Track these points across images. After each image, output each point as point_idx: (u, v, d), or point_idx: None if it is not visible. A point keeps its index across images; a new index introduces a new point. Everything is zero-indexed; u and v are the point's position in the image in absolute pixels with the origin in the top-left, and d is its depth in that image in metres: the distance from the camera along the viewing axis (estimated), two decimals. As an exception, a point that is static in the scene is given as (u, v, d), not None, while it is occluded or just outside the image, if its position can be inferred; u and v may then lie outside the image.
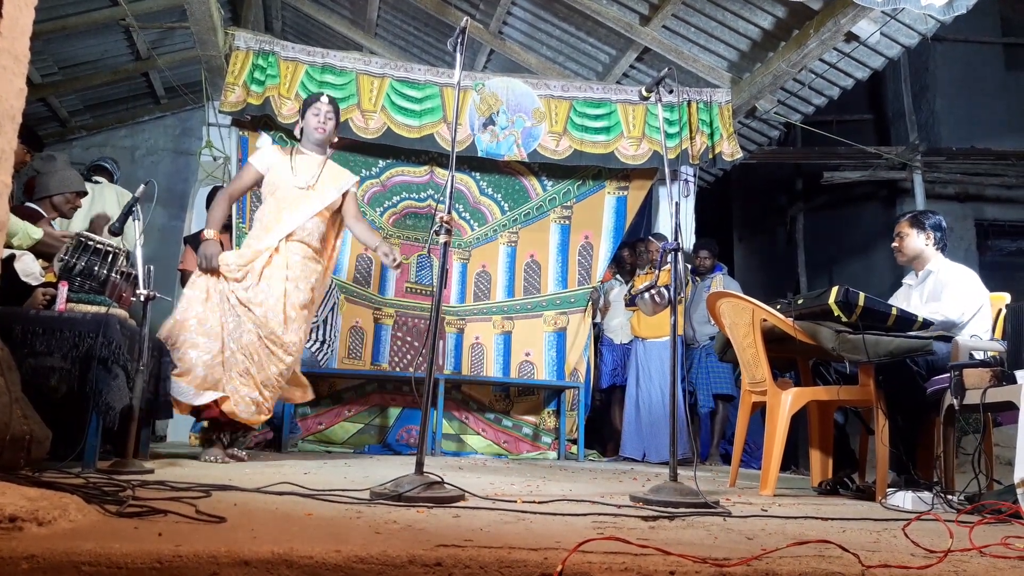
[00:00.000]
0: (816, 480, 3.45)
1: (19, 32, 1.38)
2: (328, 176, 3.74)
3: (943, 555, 1.41)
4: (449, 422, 5.51)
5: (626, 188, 6.04)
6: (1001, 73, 8.27)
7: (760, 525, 1.97)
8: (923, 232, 3.43)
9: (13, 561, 1.10)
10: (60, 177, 4.00)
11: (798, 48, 5.07)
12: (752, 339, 3.33)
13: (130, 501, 1.65)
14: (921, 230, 3.44)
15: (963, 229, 7.77)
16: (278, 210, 3.63)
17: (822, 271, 9.07)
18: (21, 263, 2.99)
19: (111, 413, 2.72)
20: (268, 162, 3.72)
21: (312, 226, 3.67)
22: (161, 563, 1.14)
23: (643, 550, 1.32)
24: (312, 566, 1.17)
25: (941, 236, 3.43)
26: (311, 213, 3.65)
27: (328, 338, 5.24)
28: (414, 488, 2.09)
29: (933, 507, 2.55)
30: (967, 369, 2.73)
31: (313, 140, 3.76)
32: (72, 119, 7.26)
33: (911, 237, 3.46)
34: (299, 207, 3.63)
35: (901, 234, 3.50)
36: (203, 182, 5.69)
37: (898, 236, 3.51)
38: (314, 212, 3.65)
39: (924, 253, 3.44)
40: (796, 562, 1.30)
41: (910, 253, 3.48)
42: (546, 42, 6.38)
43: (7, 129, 1.36)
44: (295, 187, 3.64)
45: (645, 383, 5.60)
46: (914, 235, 3.45)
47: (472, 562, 1.21)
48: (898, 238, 3.51)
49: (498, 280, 5.91)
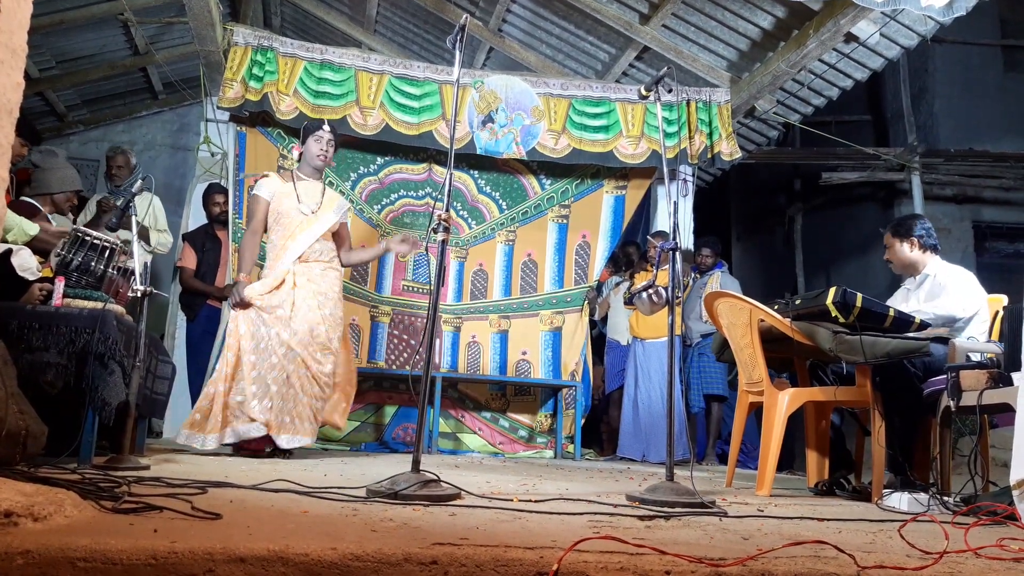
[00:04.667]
0: (812, 481, 3.45)
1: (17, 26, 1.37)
2: (327, 201, 3.93)
3: (939, 556, 1.41)
4: (446, 420, 5.50)
5: (624, 187, 6.04)
6: (1000, 75, 8.28)
7: (756, 525, 1.97)
8: (907, 240, 3.42)
9: (8, 556, 1.10)
10: (61, 175, 4.00)
11: (797, 48, 5.07)
12: (749, 339, 3.33)
13: (126, 497, 1.64)
14: (904, 239, 3.42)
15: (961, 231, 7.78)
16: (285, 237, 3.80)
17: (820, 271, 9.08)
18: (18, 258, 2.97)
19: (107, 409, 2.71)
20: (271, 190, 3.87)
21: (319, 247, 3.85)
22: (156, 559, 1.13)
23: (639, 549, 1.32)
24: (308, 563, 1.17)
25: (928, 238, 3.41)
26: (317, 236, 3.83)
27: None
28: (410, 486, 2.09)
29: (929, 508, 2.56)
30: (964, 371, 2.73)
31: (313, 166, 3.93)
32: (70, 113, 7.24)
33: (896, 247, 3.45)
34: (305, 232, 3.81)
35: (887, 246, 3.50)
36: (201, 178, 5.68)
37: (886, 248, 3.51)
38: (318, 236, 3.84)
39: (916, 260, 3.44)
40: (792, 562, 1.30)
41: (901, 263, 3.48)
42: (546, 40, 6.37)
43: (4, 123, 1.35)
44: (300, 213, 3.82)
45: (644, 383, 5.60)
46: (898, 245, 3.44)
47: (468, 560, 1.21)
48: (886, 250, 3.51)
49: (495, 279, 5.91)
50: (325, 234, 3.88)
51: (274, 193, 3.85)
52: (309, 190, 3.89)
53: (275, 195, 3.85)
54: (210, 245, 5.43)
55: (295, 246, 3.78)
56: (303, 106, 5.38)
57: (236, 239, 5.36)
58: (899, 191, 7.83)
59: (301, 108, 5.37)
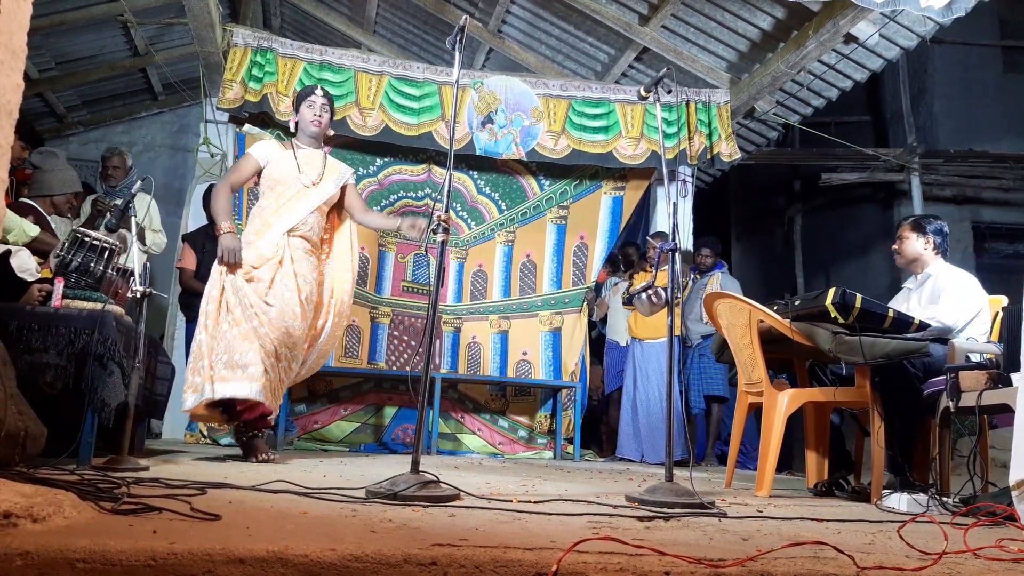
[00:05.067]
0: (812, 481, 3.45)
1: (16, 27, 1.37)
2: (328, 171, 3.73)
3: (938, 557, 1.41)
4: (445, 421, 5.50)
5: (622, 188, 6.04)
6: (999, 76, 8.28)
7: (755, 526, 1.97)
8: (923, 236, 3.45)
9: (7, 557, 1.10)
10: (62, 177, 4.00)
11: (797, 49, 5.07)
12: (749, 340, 3.33)
13: (125, 498, 1.64)
14: (922, 234, 3.45)
15: (960, 232, 7.78)
16: (278, 205, 3.59)
17: (819, 272, 9.08)
18: (17, 259, 2.98)
19: (106, 410, 2.71)
20: (268, 154, 3.67)
21: (312, 221, 3.65)
22: (155, 560, 1.13)
23: (638, 550, 1.32)
24: (307, 564, 1.17)
25: (942, 241, 3.45)
26: (311, 208, 3.63)
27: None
28: (410, 487, 2.09)
29: (928, 509, 2.56)
30: (963, 371, 2.73)
31: (309, 133, 3.71)
32: (69, 114, 7.25)
33: (910, 240, 3.47)
34: (300, 202, 3.61)
35: (901, 236, 3.52)
36: (200, 179, 5.68)
37: (899, 239, 3.54)
38: (314, 207, 3.63)
39: (923, 257, 3.46)
40: (791, 563, 1.30)
41: (908, 256, 3.49)
42: (545, 41, 6.38)
43: (4, 125, 1.35)
44: (300, 184, 3.61)
45: (643, 384, 5.60)
46: (914, 239, 3.47)
47: (467, 561, 1.21)
48: (898, 240, 3.53)
49: (494, 279, 5.91)
50: (320, 207, 3.67)
51: (270, 158, 3.64)
52: (310, 159, 3.68)
53: (272, 160, 3.64)
54: (210, 246, 5.40)
55: (289, 216, 3.57)
56: (303, 107, 5.37)
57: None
58: (899, 192, 7.84)
59: (301, 109, 5.36)
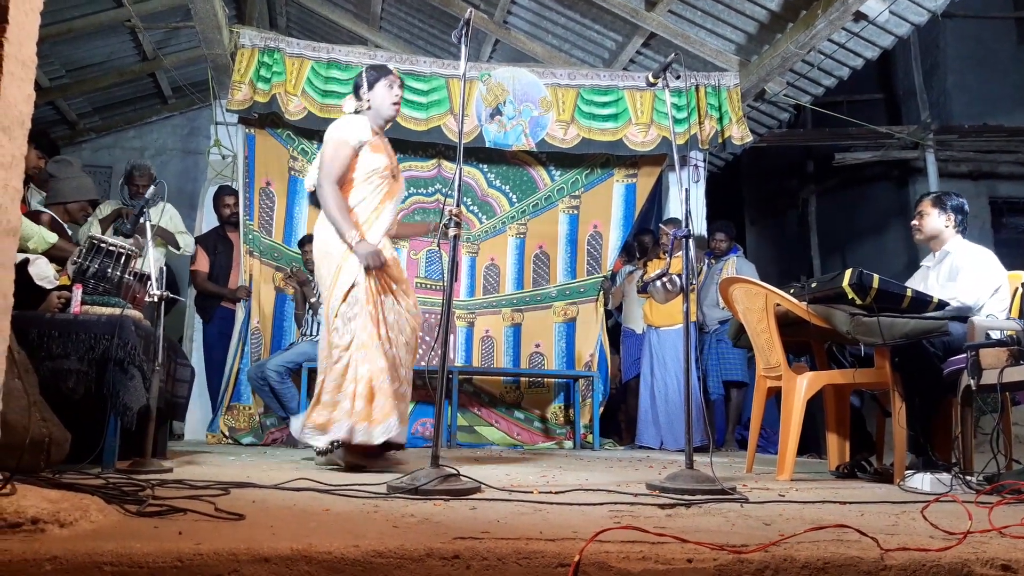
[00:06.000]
0: (833, 464, 3.43)
1: (26, 37, 1.38)
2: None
3: (962, 536, 1.40)
4: (463, 415, 5.52)
5: (635, 176, 6.01)
6: (1013, 48, 8.15)
7: (778, 510, 1.96)
8: (944, 212, 3.41)
9: (36, 563, 1.11)
10: (77, 184, 4.03)
11: (806, 29, 5.02)
12: (766, 324, 3.31)
13: (150, 501, 1.66)
14: (942, 210, 3.42)
15: (977, 207, 7.68)
16: (379, 201, 3.09)
17: (835, 253, 9.01)
18: (35, 267, 3.00)
19: (129, 414, 2.74)
20: (360, 135, 3.06)
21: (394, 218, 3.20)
22: (182, 561, 1.15)
23: (660, 538, 1.32)
24: (331, 561, 1.18)
25: (962, 219, 3.41)
26: (400, 203, 3.21)
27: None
28: (430, 481, 2.09)
29: (952, 488, 2.54)
30: (984, 349, 2.70)
31: (385, 117, 3.19)
32: (81, 121, 7.31)
33: (931, 216, 3.44)
34: (394, 196, 3.15)
35: (922, 212, 3.48)
36: (212, 181, 5.71)
37: (918, 214, 3.50)
38: (401, 202, 3.19)
39: (943, 234, 3.42)
40: (814, 547, 1.30)
41: (928, 232, 3.45)
42: (551, 30, 6.35)
43: (17, 135, 1.36)
44: (391, 176, 3.13)
45: (660, 371, 5.58)
46: (935, 215, 3.43)
47: (490, 554, 1.22)
48: (918, 216, 3.50)
49: (507, 273, 5.91)
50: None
51: (363, 142, 3.05)
52: (390, 149, 3.22)
53: (366, 144, 3.06)
54: (222, 248, 5.46)
55: (386, 216, 3.08)
56: (311, 106, 5.39)
57: (247, 241, 5.39)
58: (913, 169, 7.75)
59: (309, 108, 5.38)
